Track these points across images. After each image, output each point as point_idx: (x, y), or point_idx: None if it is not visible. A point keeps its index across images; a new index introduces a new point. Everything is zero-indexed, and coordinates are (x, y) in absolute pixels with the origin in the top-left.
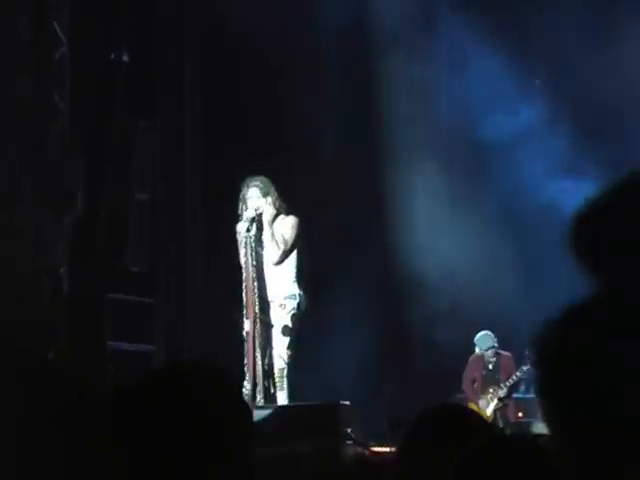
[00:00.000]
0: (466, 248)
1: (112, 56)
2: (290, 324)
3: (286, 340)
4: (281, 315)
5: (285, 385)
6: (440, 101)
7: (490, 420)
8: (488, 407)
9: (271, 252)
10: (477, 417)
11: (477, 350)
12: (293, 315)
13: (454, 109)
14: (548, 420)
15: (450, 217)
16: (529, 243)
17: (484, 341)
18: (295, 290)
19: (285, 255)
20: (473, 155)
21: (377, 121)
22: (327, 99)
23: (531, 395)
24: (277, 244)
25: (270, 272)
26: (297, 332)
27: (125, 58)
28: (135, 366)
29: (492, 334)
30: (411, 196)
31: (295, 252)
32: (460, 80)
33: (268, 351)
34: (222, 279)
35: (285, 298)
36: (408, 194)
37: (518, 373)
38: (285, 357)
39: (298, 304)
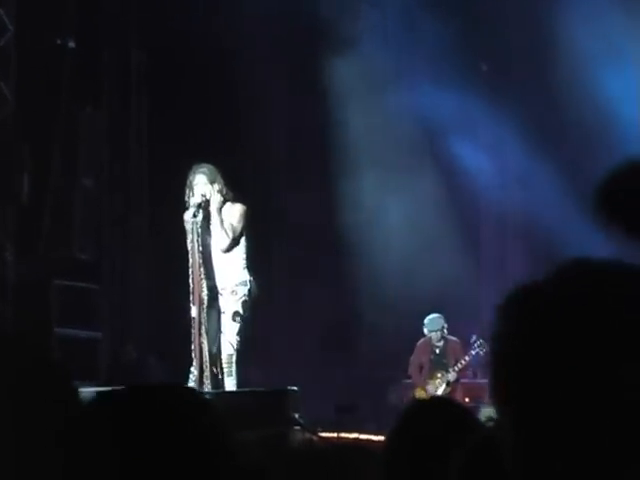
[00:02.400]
0: (413, 232)
1: (58, 42)
2: (241, 310)
3: (236, 326)
4: (232, 301)
5: (234, 371)
6: (387, 88)
7: None
8: (436, 392)
9: (220, 240)
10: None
11: (426, 332)
12: (244, 302)
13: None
14: (504, 404)
15: (397, 199)
16: (477, 229)
17: (434, 322)
18: (246, 277)
19: (234, 242)
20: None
21: (326, 108)
22: (276, 85)
23: (479, 380)
24: (226, 232)
25: (220, 259)
26: (247, 318)
27: (71, 44)
28: (81, 352)
29: (442, 317)
30: (359, 180)
31: (244, 239)
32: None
33: (217, 337)
34: (168, 265)
35: (237, 285)
36: (355, 177)
37: (467, 357)
38: (235, 343)
39: (249, 290)
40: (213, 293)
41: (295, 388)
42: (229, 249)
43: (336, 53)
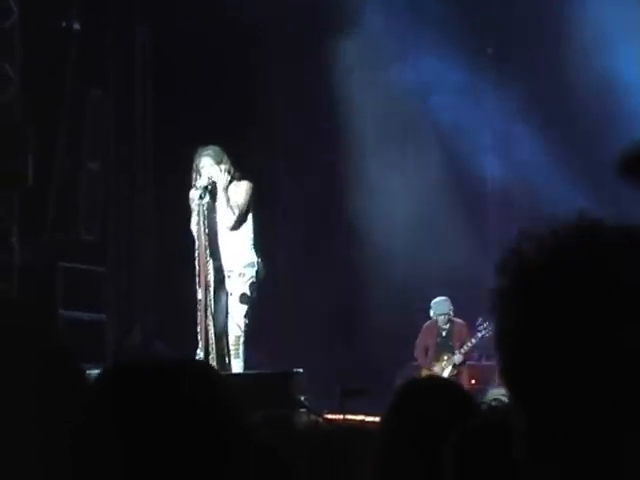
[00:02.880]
0: (419, 214)
1: (63, 24)
2: (248, 292)
3: (244, 308)
4: (239, 283)
5: (241, 353)
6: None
7: None
8: (442, 374)
9: (226, 218)
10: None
11: (432, 314)
12: (252, 284)
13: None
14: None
15: (402, 181)
16: (485, 211)
17: (440, 306)
18: (253, 258)
19: (240, 220)
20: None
21: (330, 92)
22: (280, 69)
23: (485, 362)
24: (232, 209)
25: (227, 240)
26: (254, 300)
27: (76, 27)
28: (87, 335)
29: (449, 300)
30: (365, 161)
31: (250, 219)
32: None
33: (225, 319)
34: (174, 247)
35: (244, 267)
36: (361, 159)
37: (473, 340)
38: (242, 325)
39: (257, 272)
40: (220, 275)
41: (301, 370)
42: (236, 227)
43: (342, 34)
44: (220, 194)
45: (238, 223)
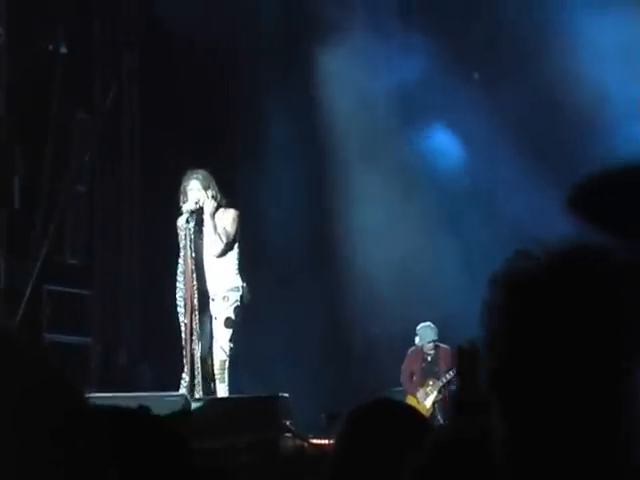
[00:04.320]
0: (407, 243)
1: (50, 48)
2: (233, 316)
3: (228, 332)
4: (224, 307)
5: (226, 377)
6: (379, 102)
7: (429, 412)
8: (427, 399)
9: (213, 245)
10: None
11: (417, 341)
12: (236, 307)
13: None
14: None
15: (390, 212)
16: (469, 241)
17: (426, 332)
18: (238, 282)
19: (228, 247)
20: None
21: (318, 119)
22: (267, 89)
23: None
24: (220, 237)
25: (212, 264)
26: (239, 324)
27: (63, 50)
28: (72, 358)
29: (434, 326)
30: (352, 193)
31: (237, 245)
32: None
33: (209, 343)
34: (160, 271)
35: (228, 290)
36: (349, 191)
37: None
38: (227, 349)
39: (241, 296)
40: (205, 299)
41: (286, 395)
42: (223, 254)
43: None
44: (207, 220)
45: (225, 251)
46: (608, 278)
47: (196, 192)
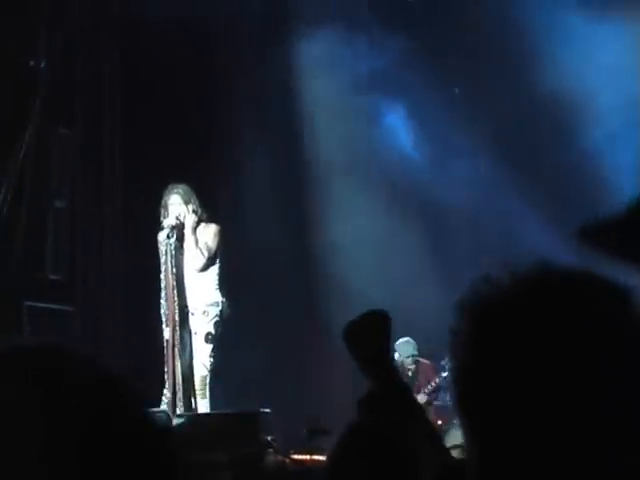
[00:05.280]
0: (389, 256)
1: (31, 63)
2: (213, 331)
3: (209, 347)
4: (204, 322)
5: (207, 393)
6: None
7: None
8: None
9: (194, 260)
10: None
11: (397, 357)
12: (216, 322)
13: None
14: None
15: (372, 225)
16: (451, 255)
17: (405, 348)
18: (218, 297)
19: (209, 262)
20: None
21: (300, 138)
22: (251, 108)
23: (451, 402)
24: (201, 251)
25: (192, 279)
26: (219, 339)
27: (43, 65)
28: None
29: (413, 341)
30: (334, 209)
31: (217, 259)
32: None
33: (189, 359)
34: (141, 287)
35: (208, 305)
36: (330, 207)
37: (437, 379)
38: (208, 365)
39: (221, 311)
40: (184, 313)
41: (268, 410)
42: (204, 268)
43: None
44: (188, 234)
45: (207, 265)
46: (575, 302)
47: (177, 206)
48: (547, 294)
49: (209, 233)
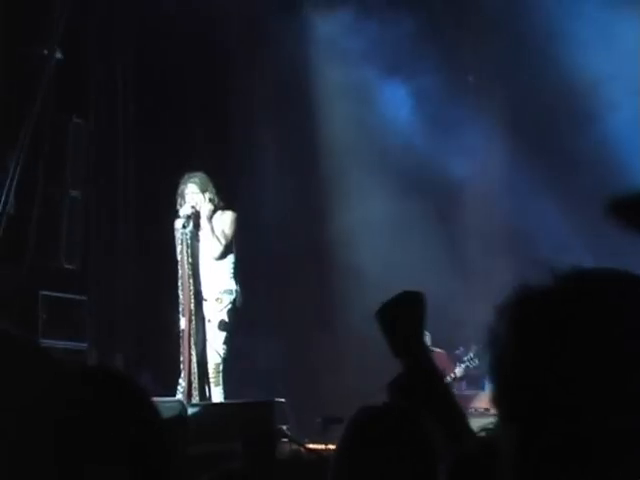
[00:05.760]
0: (404, 248)
1: (45, 52)
2: (227, 319)
3: (222, 335)
4: (217, 310)
5: (221, 380)
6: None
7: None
8: None
9: (212, 247)
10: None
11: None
12: (230, 310)
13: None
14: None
15: (387, 208)
16: (466, 245)
17: None
18: (232, 285)
19: (226, 249)
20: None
21: (315, 124)
22: (264, 94)
23: (465, 392)
24: (218, 239)
25: (208, 267)
26: (233, 327)
27: (58, 55)
28: (68, 363)
29: (427, 332)
30: (349, 195)
31: (233, 247)
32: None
33: (202, 346)
34: (156, 276)
35: (222, 293)
36: (345, 194)
37: (457, 370)
38: (221, 352)
39: (234, 299)
40: (197, 300)
41: (282, 400)
42: (222, 256)
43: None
44: (204, 223)
45: (224, 253)
46: (616, 302)
47: (193, 195)
48: (587, 295)
49: (226, 220)
